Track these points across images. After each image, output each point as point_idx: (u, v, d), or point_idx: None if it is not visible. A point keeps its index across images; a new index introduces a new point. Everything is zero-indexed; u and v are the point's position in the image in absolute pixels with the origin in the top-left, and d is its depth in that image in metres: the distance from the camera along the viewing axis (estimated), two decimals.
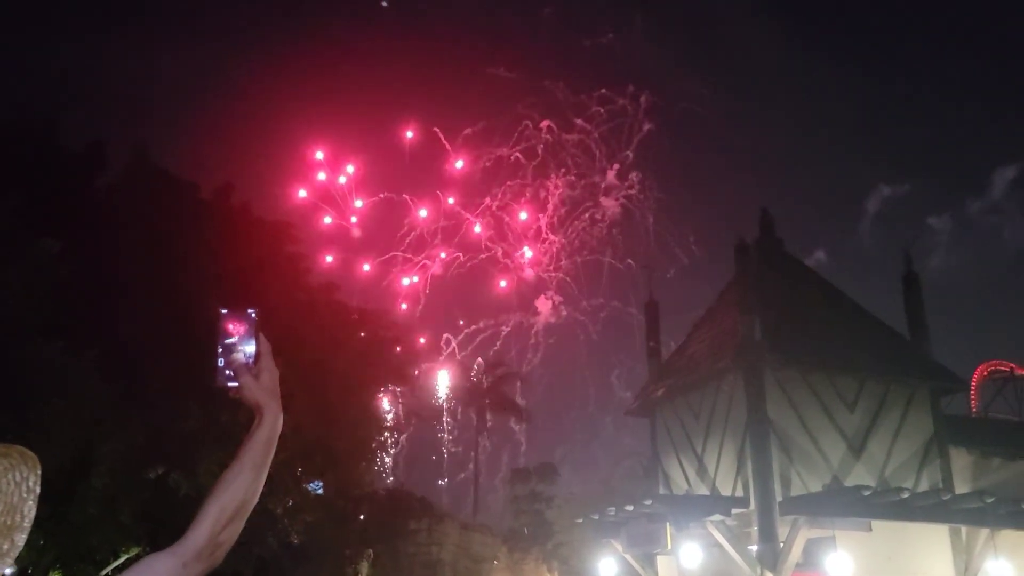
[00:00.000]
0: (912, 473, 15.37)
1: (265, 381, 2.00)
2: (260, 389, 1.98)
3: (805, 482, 14.61)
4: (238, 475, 1.89)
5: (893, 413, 15.67)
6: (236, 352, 2.00)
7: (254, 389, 1.97)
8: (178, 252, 17.15)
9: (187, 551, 1.80)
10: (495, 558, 32.81)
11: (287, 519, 20.49)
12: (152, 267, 16.61)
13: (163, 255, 16.92)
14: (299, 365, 18.30)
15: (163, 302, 16.28)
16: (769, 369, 14.96)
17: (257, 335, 2.03)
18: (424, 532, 30.13)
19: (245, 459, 1.91)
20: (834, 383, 15.49)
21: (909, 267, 17.27)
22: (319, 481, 23.05)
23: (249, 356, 2.01)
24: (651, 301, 20.05)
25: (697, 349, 17.51)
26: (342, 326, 23.48)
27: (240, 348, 2.01)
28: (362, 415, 23.10)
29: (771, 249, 18.21)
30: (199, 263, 17.05)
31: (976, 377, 31.01)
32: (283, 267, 20.89)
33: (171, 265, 16.88)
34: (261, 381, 1.99)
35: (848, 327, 16.72)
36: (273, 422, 1.97)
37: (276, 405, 1.99)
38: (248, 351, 2.01)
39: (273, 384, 2.01)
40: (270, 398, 1.98)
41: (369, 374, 24.29)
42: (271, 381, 2.01)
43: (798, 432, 14.96)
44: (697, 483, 16.45)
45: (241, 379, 1.98)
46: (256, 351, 2.02)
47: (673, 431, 17.55)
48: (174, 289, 16.42)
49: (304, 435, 19.32)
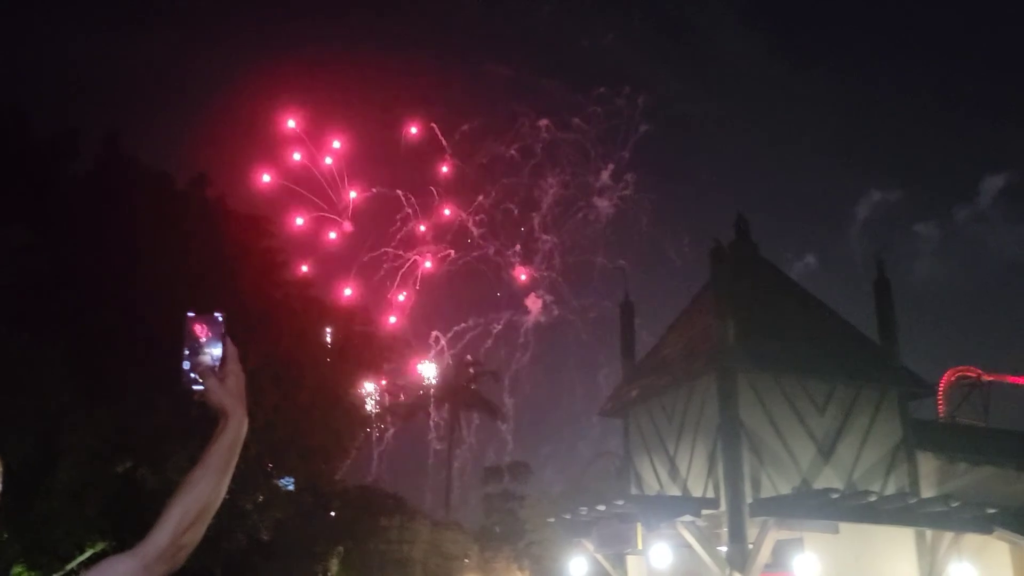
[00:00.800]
0: (880, 476, 15.54)
1: (231, 385, 1.99)
2: (226, 392, 1.97)
3: (775, 484, 14.73)
4: (202, 478, 1.88)
5: (862, 417, 15.83)
6: (202, 355, 1.99)
7: (219, 392, 1.96)
8: (150, 244, 16.95)
9: (149, 553, 1.78)
10: (466, 556, 32.78)
11: (257, 515, 20.34)
12: (123, 259, 16.41)
13: (134, 247, 16.72)
14: (272, 360, 18.18)
15: (134, 295, 16.09)
16: (742, 372, 15.06)
17: (224, 338, 2.02)
18: (395, 529, 30.04)
19: (209, 462, 1.90)
20: (805, 386, 15.62)
21: (881, 273, 17.43)
22: (290, 477, 22.92)
23: (215, 359, 2.00)
24: (626, 302, 20.10)
25: (671, 351, 17.59)
26: (316, 321, 23.36)
27: (206, 351, 2.00)
28: (335, 411, 22.99)
29: (746, 253, 18.32)
30: (171, 256, 16.87)
31: (944, 382, 31.39)
32: (257, 261, 20.73)
33: (142, 257, 16.69)
34: (227, 385, 1.99)
35: (820, 331, 16.87)
36: (238, 426, 1.96)
37: (241, 409, 1.98)
38: (215, 354, 2.00)
39: (239, 388, 2.00)
40: (236, 402, 1.97)
41: (343, 370, 24.20)
42: (237, 385, 2.00)
43: (769, 434, 15.08)
44: (669, 484, 16.53)
45: (207, 382, 1.97)
46: (223, 354, 2.01)
47: (646, 432, 17.62)
48: (145, 282, 16.23)
49: (276, 431, 19.20)
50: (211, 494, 1.88)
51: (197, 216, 18.95)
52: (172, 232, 17.52)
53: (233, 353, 2.03)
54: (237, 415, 1.96)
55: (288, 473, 22.63)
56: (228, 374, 2.00)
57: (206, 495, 1.87)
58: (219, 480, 1.90)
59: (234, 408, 1.96)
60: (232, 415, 1.95)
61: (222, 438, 1.93)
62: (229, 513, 18.40)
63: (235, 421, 1.96)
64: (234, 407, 1.96)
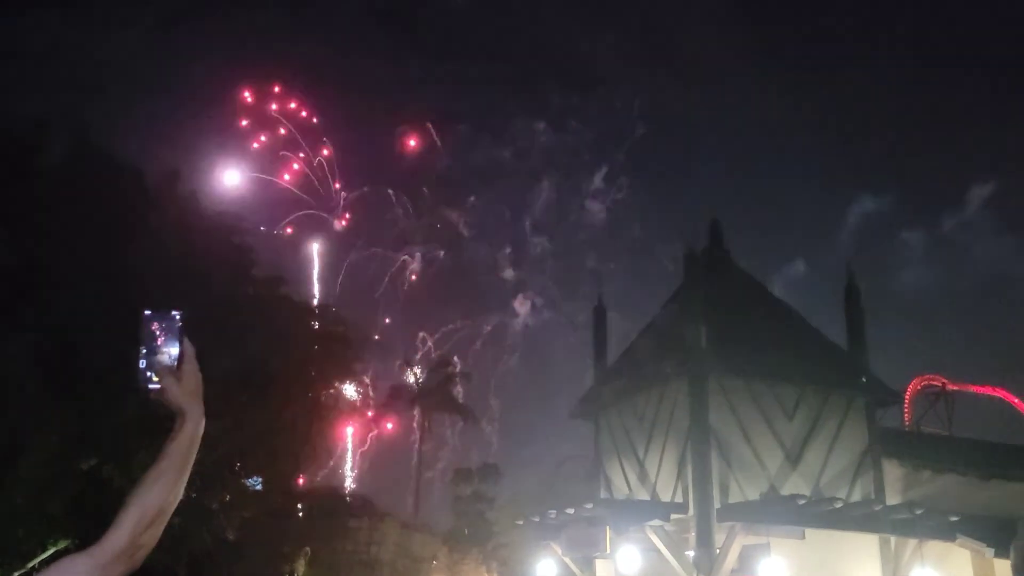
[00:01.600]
0: (846, 483, 15.72)
1: (188, 384, 1.97)
2: (183, 392, 1.95)
3: (743, 489, 14.85)
4: (159, 478, 1.86)
5: (830, 424, 16.01)
6: (160, 354, 1.97)
7: (176, 392, 1.94)
8: (120, 240, 16.74)
9: (106, 552, 1.77)
10: (434, 558, 32.70)
11: (223, 514, 20.13)
12: (92, 254, 16.20)
13: (104, 242, 16.51)
14: (242, 359, 18.02)
15: (102, 291, 15.88)
16: (712, 377, 15.17)
17: (181, 337, 2.00)
18: (364, 531, 29.89)
19: (166, 462, 1.88)
20: (775, 392, 15.77)
21: (851, 281, 17.65)
22: (258, 477, 22.72)
23: (173, 358, 1.97)
24: (599, 305, 20.19)
25: (642, 355, 17.68)
26: (288, 320, 23.18)
27: (164, 350, 1.98)
28: (306, 411, 22.82)
29: (719, 259, 18.47)
30: (141, 252, 16.67)
31: (910, 391, 31.84)
32: (228, 259, 20.54)
33: (112, 253, 16.48)
34: (184, 384, 1.96)
35: (790, 338, 17.04)
36: (195, 426, 1.94)
37: (199, 409, 1.96)
38: (172, 353, 1.98)
39: (196, 387, 1.98)
40: (193, 402, 1.95)
41: (315, 369, 24.02)
42: (194, 384, 1.98)
43: (738, 440, 15.20)
44: (638, 487, 16.60)
45: (163, 381, 1.94)
46: (180, 353, 1.98)
47: (616, 435, 17.68)
48: (113, 278, 16.03)
49: (244, 430, 19.03)
50: (169, 494, 1.87)
51: (169, 212, 18.75)
52: (144, 228, 17.32)
53: (191, 352, 2.00)
54: (194, 415, 1.94)
55: (256, 473, 22.42)
56: (185, 373, 1.97)
57: (164, 495, 1.85)
58: (176, 480, 1.89)
59: (191, 408, 1.94)
60: (189, 415, 1.93)
61: (179, 438, 1.91)
62: (194, 512, 18.20)
63: (192, 421, 1.93)
64: (191, 407, 1.94)
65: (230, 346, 17.00)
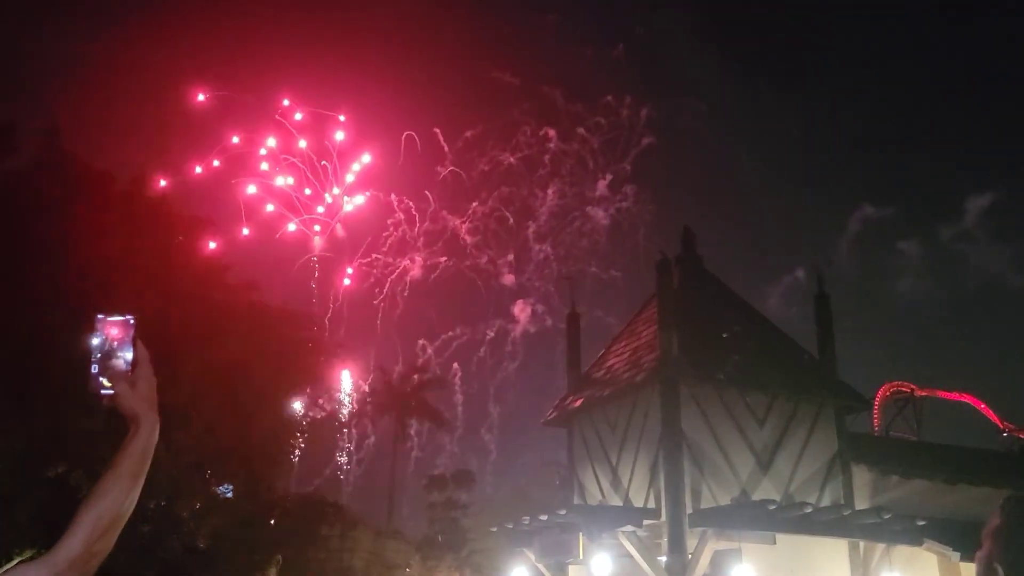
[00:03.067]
0: (816, 488, 15.87)
1: (142, 389, 1.94)
2: (137, 398, 1.92)
3: (715, 495, 14.94)
4: (114, 485, 1.84)
5: (800, 430, 16.16)
6: (114, 359, 1.94)
7: (130, 398, 1.91)
8: (88, 244, 16.56)
9: (60, 560, 1.74)
10: (408, 565, 32.57)
11: (193, 522, 19.95)
12: (60, 258, 16.00)
13: (72, 246, 16.32)
14: (214, 365, 17.87)
15: (70, 295, 15.69)
16: (684, 384, 15.27)
17: (135, 342, 1.97)
18: (336, 538, 29.70)
19: (121, 469, 1.86)
20: (746, 399, 15.90)
21: (820, 288, 17.85)
22: (229, 484, 22.51)
23: (127, 363, 1.94)
24: (572, 313, 20.25)
25: (616, 362, 17.75)
26: (260, 326, 23.01)
27: (118, 355, 1.94)
28: (278, 418, 22.67)
29: (692, 266, 18.60)
30: (110, 256, 16.50)
31: (879, 397, 32.24)
32: (200, 263, 20.39)
33: (80, 257, 16.29)
34: (138, 389, 1.94)
35: (761, 345, 17.19)
36: (149, 432, 1.92)
37: (153, 415, 1.94)
38: (127, 358, 1.95)
39: (151, 393, 1.95)
40: (147, 408, 1.93)
41: (288, 376, 23.86)
42: (148, 390, 1.95)
43: (710, 446, 15.30)
44: (611, 494, 16.65)
45: (117, 387, 1.92)
46: (134, 358, 1.95)
47: (589, 442, 17.73)
48: (82, 282, 15.85)
49: (216, 437, 18.87)
50: (123, 502, 1.84)
51: (139, 216, 18.58)
52: (113, 231, 17.14)
53: (145, 357, 1.97)
54: (149, 421, 1.92)
55: (227, 480, 22.23)
56: (139, 379, 1.95)
57: (118, 503, 1.83)
58: (131, 487, 1.86)
59: (146, 414, 1.92)
60: (144, 421, 1.91)
61: (133, 445, 1.89)
62: (164, 520, 18.02)
63: (147, 427, 1.91)
64: (146, 413, 1.92)
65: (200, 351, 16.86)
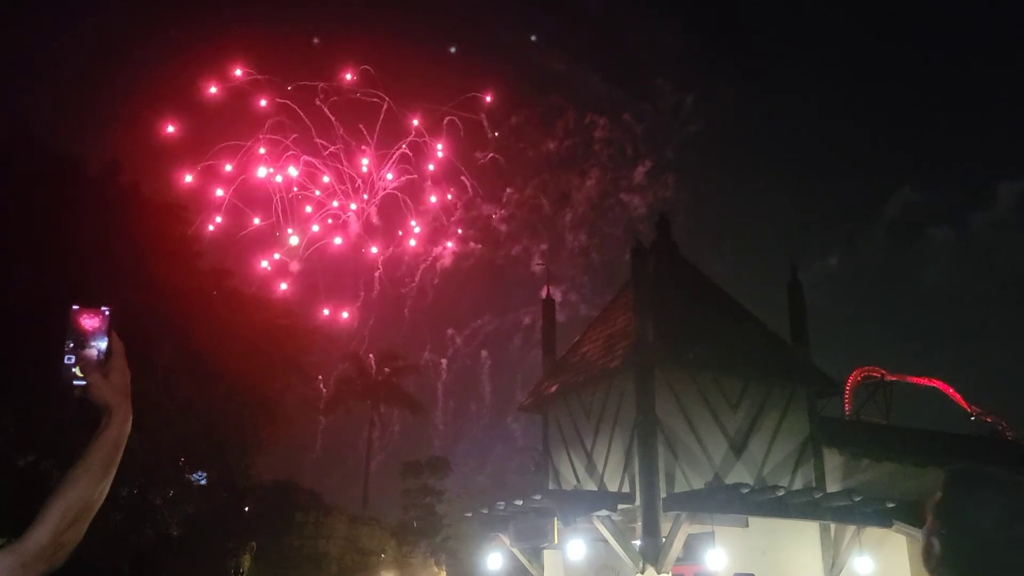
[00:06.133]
0: (788, 472, 16.08)
1: (115, 380, 1.95)
2: (110, 389, 1.93)
3: (688, 479, 15.09)
4: (83, 475, 1.84)
5: (773, 414, 16.34)
6: (88, 348, 1.94)
7: (103, 388, 1.92)
8: (59, 232, 16.33)
9: (28, 550, 1.73)
10: (383, 551, 32.60)
11: (167, 510, 19.85)
12: (30, 246, 15.77)
13: (42, 234, 16.08)
14: (186, 352, 17.73)
15: (40, 283, 15.47)
16: (659, 369, 15.37)
17: (110, 333, 1.97)
18: (311, 525, 29.66)
19: (92, 459, 1.86)
20: (720, 384, 16.04)
21: (793, 275, 18.01)
22: (203, 472, 22.41)
23: (101, 353, 1.95)
24: (547, 298, 20.32)
25: (591, 348, 17.83)
26: (235, 314, 22.86)
27: (92, 345, 1.95)
28: (252, 405, 22.56)
29: (666, 252, 18.69)
30: (82, 244, 16.29)
31: (850, 382, 32.65)
32: (173, 251, 20.18)
33: (51, 245, 16.06)
34: (111, 380, 1.94)
35: (735, 330, 17.33)
36: (122, 423, 1.92)
37: (126, 405, 1.94)
38: (100, 348, 1.96)
39: (124, 384, 1.96)
40: (121, 398, 1.93)
41: (263, 363, 23.74)
42: (122, 381, 1.96)
43: (684, 431, 15.43)
44: (586, 479, 16.76)
45: (90, 377, 1.92)
46: (108, 349, 1.96)
47: (564, 427, 17.82)
48: (52, 270, 15.63)
49: (190, 424, 18.75)
50: (94, 492, 1.84)
51: (110, 203, 18.34)
52: (84, 219, 16.91)
53: (119, 348, 1.98)
54: (121, 411, 1.92)
55: (201, 467, 22.12)
56: (113, 369, 1.95)
57: (90, 492, 1.83)
58: (102, 478, 1.86)
59: (119, 404, 1.92)
60: (116, 411, 1.91)
61: (105, 435, 1.89)
62: (138, 508, 17.91)
63: (119, 418, 1.91)
64: (119, 403, 1.92)
65: (174, 338, 16.71)
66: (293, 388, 27.57)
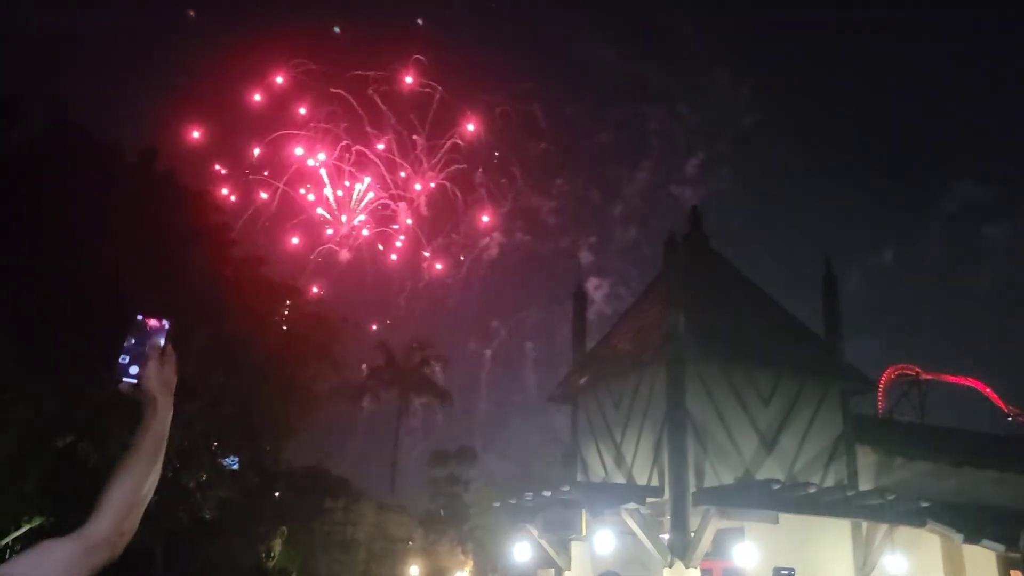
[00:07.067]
0: (820, 469, 15.90)
1: (167, 374, 2.04)
2: (160, 381, 2.01)
3: (718, 474, 14.98)
4: (137, 463, 1.91)
5: (805, 410, 16.16)
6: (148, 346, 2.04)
7: (154, 379, 2.00)
8: (96, 216, 16.56)
9: (92, 538, 1.79)
10: (410, 539, 32.82)
11: (199, 494, 20.11)
12: (68, 231, 16.01)
13: (80, 219, 16.32)
14: (220, 338, 17.93)
15: (79, 267, 15.71)
16: (690, 362, 15.26)
17: (167, 340, 2.09)
18: (340, 511, 29.95)
19: (142, 450, 1.93)
20: (751, 378, 15.89)
21: (828, 270, 17.77)
22: (235, 456, 22.68)
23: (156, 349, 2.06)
24: (579, 291, 20.28)
25: (621, 340, 17.75)
26: (266, 301, 23.08)
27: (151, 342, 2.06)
28: (283, 391, 22.76)
29: (699, 245, 18.55)
30: (117, 229, 16.50)
31: (884, 379, 32.25)
32: (207, 238, 20.39)
33: (88, 230, 16.30)
34: (163, 373, 2.03)
35: (767, 325, 17.16)
36: (165, 416, 2.00)
37: (169, 402, 2.02)
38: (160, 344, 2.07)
39: (171, 383, 2.05)
40: (166, 393, 2.02)
41: (293, 350, 23.95)
42: (169, 379, 2.05)
43: (715, 425, 15.32)
44: (614, 471, 16.71)
45: (148, 365, 2.00)
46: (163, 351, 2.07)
47: (593, 419, 17.78)
48: (90, 254, 15.86)
49: (222, 409, 18.97)
50: (145, 483, 1.91)
51: (146, 190, 18.57)
52: (120, 205, 17.13)
53: (172, 357, 2.08)
54: (165, 406, 2.01)
55: (233, 452, 22.39)
56: (166, 364, 2.05)
57: (140, 483, 1.89)
58: (153, 467, 1.94)
59: (164, 398, 2.00)
60: (161, 405, 1.99)
61: (154, 426, 1.96)
62: (171, 491, 18.16)
63: (163, 411, 1.99)
64: (163, 398, 2.00)
65: (207, 325, 16.90)
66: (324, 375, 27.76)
